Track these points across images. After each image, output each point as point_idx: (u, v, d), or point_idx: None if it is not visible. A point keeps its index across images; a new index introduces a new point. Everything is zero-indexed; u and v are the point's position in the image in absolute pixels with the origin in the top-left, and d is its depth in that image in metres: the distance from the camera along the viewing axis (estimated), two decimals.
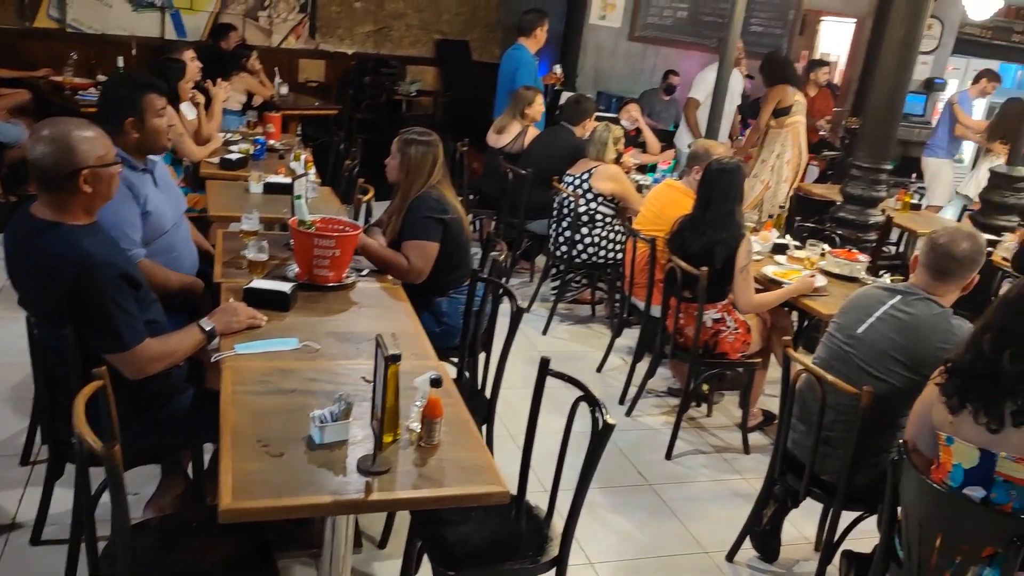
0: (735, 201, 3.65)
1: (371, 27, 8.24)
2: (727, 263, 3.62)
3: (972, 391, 2.14)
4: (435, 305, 3.33)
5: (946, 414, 2.22)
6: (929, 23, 9.56)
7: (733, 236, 3.61)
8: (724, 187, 3.63)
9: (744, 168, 3.78)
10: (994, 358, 2.12)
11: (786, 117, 6.12)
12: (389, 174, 3.36)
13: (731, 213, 3.64)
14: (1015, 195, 5.28)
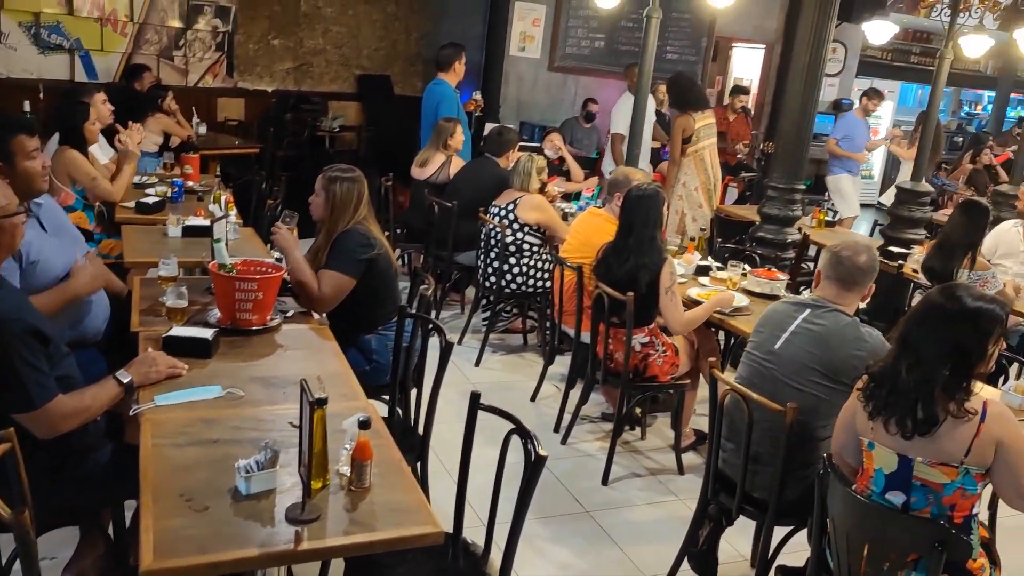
0: (655, 226, 3.73)
1: (291, 64, 8.19)
2: (651, 287, 3.68)
3: (882, 400, 2.23)
4: (364, 343, 3.30)
5: (867, 420, 2.30)
6: (833, 47, 10.03)
7: (655, 260, 3.68)
8: (644, 213, 3.71)
9: (663, 194, 3.87)
10: (897, 369, 2.21)
11: (688, 145, 6.26)
12: (313, 212, 3.33)
13: (652, 239, 3.71)
14: (920, 209, 5.52)
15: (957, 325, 2.18)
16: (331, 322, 3.16)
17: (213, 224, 3.20)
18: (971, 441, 2.16)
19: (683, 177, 6.36)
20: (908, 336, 2.24)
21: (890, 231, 5.60)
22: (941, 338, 2.18)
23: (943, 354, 2.17)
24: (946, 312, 2.20)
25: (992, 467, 2.19)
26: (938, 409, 2.16)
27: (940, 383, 2.16)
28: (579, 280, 3.99)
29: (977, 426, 2.16)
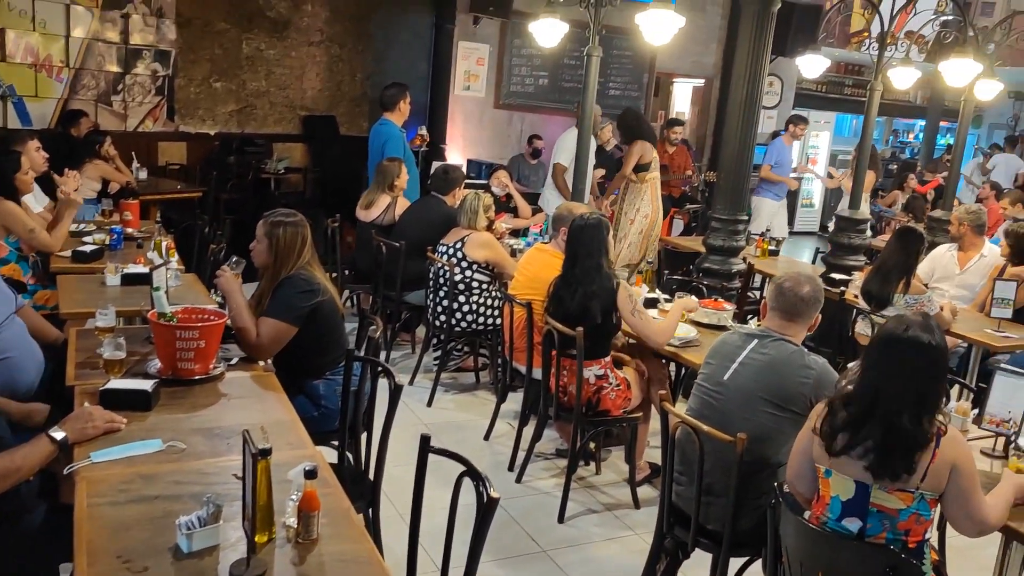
0: (600, 254, 3.74)
1: (234, 106, 8.12)
2: (606, 317, 3.69)
3: (852, 442, 2.24)
4: (311, 389, 3.23)
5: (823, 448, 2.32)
6: (770, 81, 10.32)
7: (605, 288, 3.69)
8: (588, 242, 3.73)
9: (606, 222, 3.90)
10: (867, 413, 2.23)
11: (646, 172, 6.40)
12: (256, 259, 3.26)
13: (598, 267, 3.72)
14: (859, 236, 5.66)
15: (926, 368, 2.22)
16: (277, 368, 3.09)
17: (152, 272, 3.13)
18: (927, 466, 2.19)
19: (637, 203, 6.48)
20: (876, 382, 2.25)
21: (831, 258, 5.73)
22: (910, 384, 2.21)
23: (914, 400, 2.20)
24: (918, 355, 2.23)
25: (945, 491, 2.21)
26: (914, 456, 2.18)
27: (912, 428, 2.19)
28: (529, 316, 3.98)
29: (932, 451, 2.19)
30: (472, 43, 8.78)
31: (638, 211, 6.48)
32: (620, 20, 6.94)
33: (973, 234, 5.35)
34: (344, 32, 8.57)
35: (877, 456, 2.20)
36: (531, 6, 7.73)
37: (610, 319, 3.72)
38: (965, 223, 5.34)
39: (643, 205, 6.50)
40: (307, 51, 8.41)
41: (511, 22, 8.68)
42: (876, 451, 2.20)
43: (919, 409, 2.19)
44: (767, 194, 8.27)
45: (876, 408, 2.22)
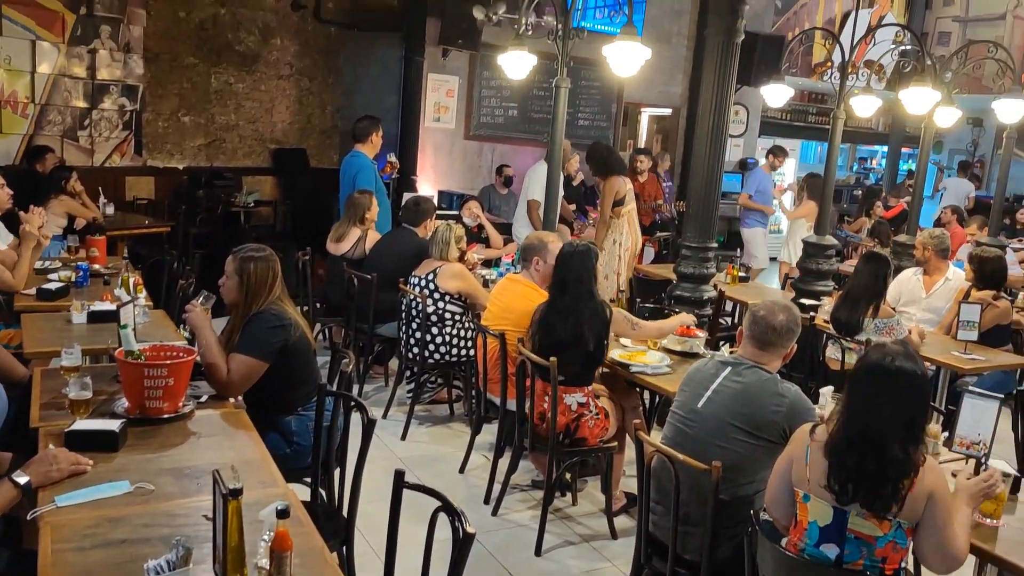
0: (591, 281, 3.76)
1: (202, 140, 8.09)
2: (598, 343, 3.70)
3: (846, 479, 2.24)
4: (283, 425, 3.19)
5: (804, 472, 2.32)
6: (736, 110, 10.49)
7: (598, 315, 3.71)
8: (578, 269, 3.75)
9: (595, 250, 3.92)
10: (857, 450, 2.24)
11: (621, 207, 6.45)
12: (226, 295, 3.23)
13: (590, 294, 3.74)
14: (827, 262, 5.74)
15: (914, 396, 2.24)
16: (248, 405, 3.05)
17: (119, 309, 3.08)
18: (904, 494, 2.20)
19: (615, 235, 6.53)
20: (866, 415, 2.26)
21: (800, 284, 5.80)
22: (900, 413, 2.23)
23: (904, 429, 2.22)
24: (907, 385, 2.25)
25: (920, 521, 2.22)
26: (901, 484, 2.19)
27: (904, 457, 2.20)
28: (502, 347, 3.97)
29: (909, 487, 2.20)
30: (441, 75, 8.84)
31: (617, 243, 6.53)
32: (588, 52, 7.04)
33: (937, 258, 5.44)
34: (313, 65, 8.60)
35: (869, 486, 2.20)
36: (500, 39, 7.82)
37: (601, 347, 3.74)
38: (929, 247, 5.43)
39: (622, 238, 6.54)
40: (276, 84, 8.42)
41: (480, 54, 8.76)
42: (868, 482, 2.20)
43: (908, 438, 2.20)
44: (755, 223, 8.36)
45: (867, 440, 2.22)
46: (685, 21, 10.02)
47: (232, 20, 8.05)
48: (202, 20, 7.89)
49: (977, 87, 11.29)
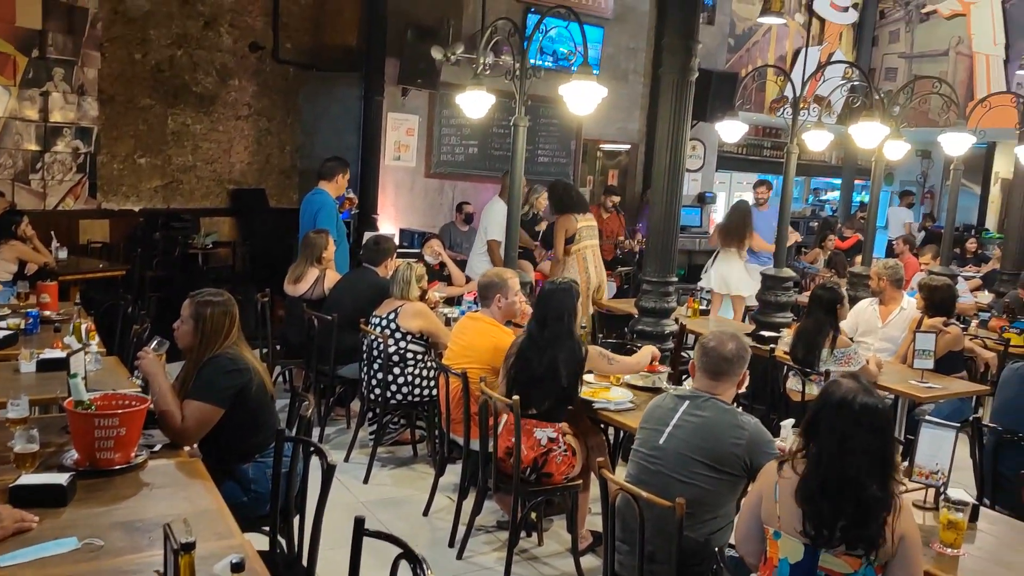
0: (571, 319, 3.78)
1: (159, 182, 8.00)
2: (572, 380, 3.70)
3: (822, 519, 2.23)
4: (240, 473, 3.11)
5: (774, 510, 2.31)
6: (693, 145, 10.68)
7: (574, 353, 3.71)
8: (558, 305, 3.76)
9: (577, 288, 3.94)
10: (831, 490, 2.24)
11: (571, 245, 6.45)
12: (180, 340, 3.16)
13: (569, 332, 3.75)
14: (785, 293, 5.82)
15: (882, 430, 2.25)
16: (204, 453, 2.98)
17: (69, 357, 3.00)
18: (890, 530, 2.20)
19: (566, 274, 6.48)
20: (836, 457, 2.25)
21: (760, 316, 5.86)
22: (871, 450, 2.23)
23: (880, 466, 2.22)
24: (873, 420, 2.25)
25: (891, 561, 2.21)
26: (884, 521, 2.19)
27: (883, 495, 2.20)
28: (464, 386, 3.94)
29: (892, 522, 2.20)
30: (401, 114, 8.88)
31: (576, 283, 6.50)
32: (546, 90, 7.11)
33: (892, 288, 5.54)
34: (272, 106, 8.58)
35: (851, 529, 2.19)
36: (459, 78, 7.89)
37: (574, 384, 3.74)
38: (884, 278, 5.53)
39: (572, 275, 6.46)
40: (235, 125, 8.38)
41: (439, 93, 8.81)
42: (849, 524, 2.19)
43: (884, 473, 2.21)
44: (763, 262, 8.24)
45: (843, 483, 2.21)
46: (641, 59, 10.20)
47: (189, 61, 8.02)
48: (158, 62, 7.85)
49: (924, 121, 11.63)
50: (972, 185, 14.10)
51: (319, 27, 8.86)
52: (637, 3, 10.08)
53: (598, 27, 9.61)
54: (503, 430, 3.76)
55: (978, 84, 12.20)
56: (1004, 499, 3.66)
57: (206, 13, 8.05)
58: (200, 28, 8.04)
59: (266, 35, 8.40)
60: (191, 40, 8.00)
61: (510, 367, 3.80)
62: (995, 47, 12.06)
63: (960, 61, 12.54)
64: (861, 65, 12.18)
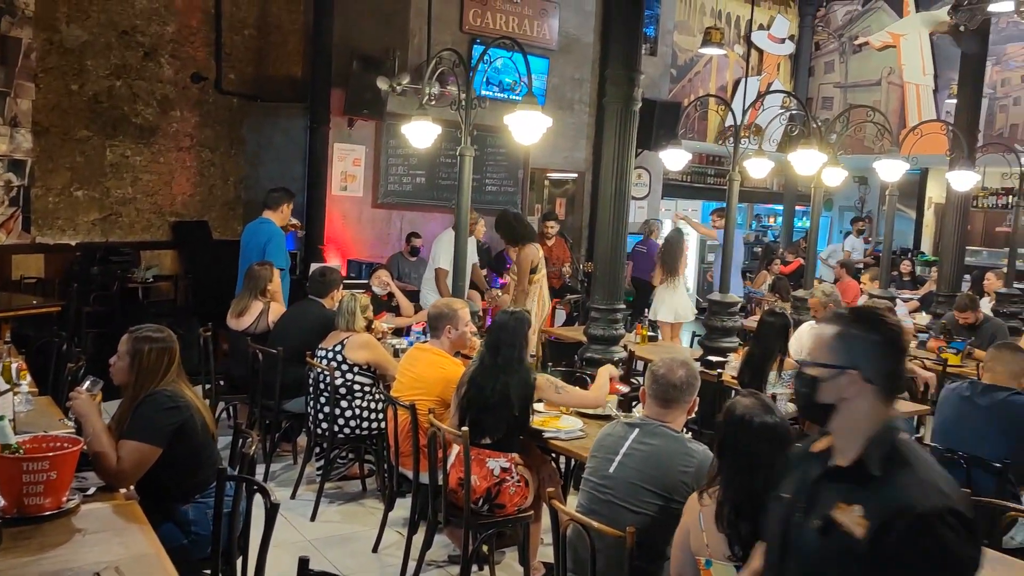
0: (522, 348, 3.78)
1: (97, 215, 7.80)
2: (523, 409, 3.68)
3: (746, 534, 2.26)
4: (180, 514, 3.01)
5: (701, 539, 2.31)
6: (638, 173, 10.83)
7: (524, 381, 3.70)
8: (511, 333, 3.76)
9: (528, 318, 3.94)
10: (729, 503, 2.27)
11: (534, 275, 6.53)
12: (116, 376, 3.06)
13: (520, 359, 3.75)
14: (731, 318, 5.89)
15: (780, 449, 2.27)
16: (141, 495, 2.87)
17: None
18: None
19: (528, 304, 6.59)
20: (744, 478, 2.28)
21: (707, 341, 5.92)
22: (772, 467, 2.25)
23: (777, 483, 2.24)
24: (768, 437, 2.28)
25: None
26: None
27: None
28: (413, 418, 3.88)
29: None
30: (348, 144, 8.83)
31: (530, 312, 6.56)
32: (492, 119, 7.16)
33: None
34: (215, 136, 8.46)
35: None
36: (405, 108, 7.89)
37: (525, 413, 3.73)
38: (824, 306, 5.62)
39: (533, 305, 6.61)
40: (176, 156, 8.23)
41: (386, 123, 8.80)
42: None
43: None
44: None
45: (752, 502, 2.24)
46: (586, 89, 10.34)
47: (128, 92, 7.87)
48: (96, 93, 7.68)
49: (860, 148, 11.99)
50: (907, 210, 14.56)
51: (263, 57, 8.80)
52: (581, 35, 10.24)
53: (543, 58, 9.73)
54: (455, 461, 3.71)
55: (909, 112, 12.64)
56: None
57: (146, 44, 7.92)
58: (140, 59, 7.90)
59: (208, 66, 8.29)
60: (131, 71, 7.86)
61: (462, 395, 3.78)
62: (924, 77, 12.53)
63: (892, 90, 12.99)
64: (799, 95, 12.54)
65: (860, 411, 1.83)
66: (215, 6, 8.27)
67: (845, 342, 1.84)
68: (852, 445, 1.83)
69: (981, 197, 12.90)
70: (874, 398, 1.82)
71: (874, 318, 1.87)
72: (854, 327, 1.85)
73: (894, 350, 1.85)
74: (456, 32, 9.14)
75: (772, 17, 13.45)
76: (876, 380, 1.81)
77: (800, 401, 1.94)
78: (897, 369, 1.86)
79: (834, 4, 13.67)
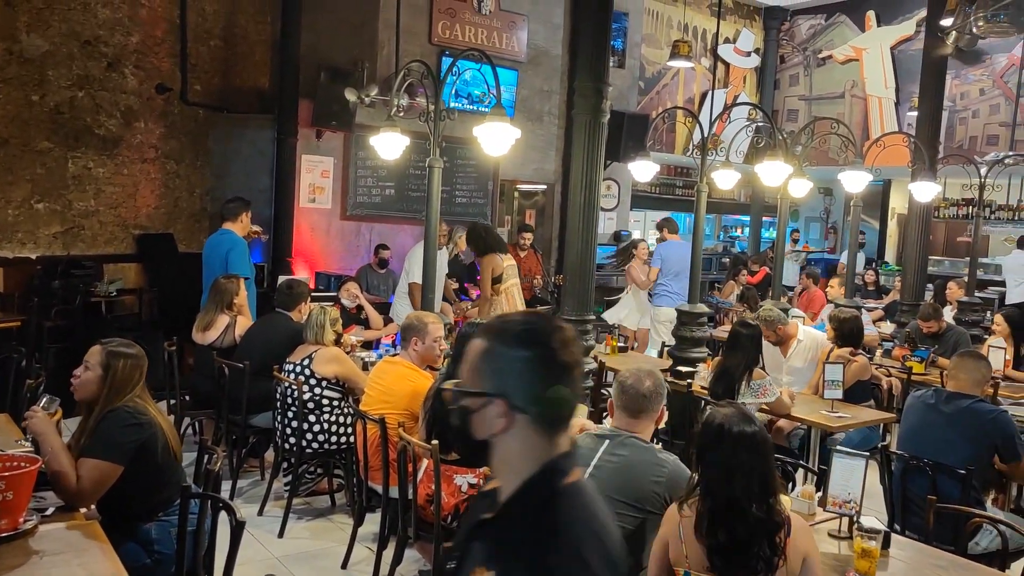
0: None
1: (59, 228, 7.65)
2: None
3: (724, 547, 2.26)
4: (142, 533, 2.94)
5: (681, 550, 2.30)
6: (607, 185, 10.89)
7: None
8: None
9: None
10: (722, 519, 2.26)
11: (500, 284, 6.54)
12: (82, 389, 2.97)
13: None
14: (700, 328, 5.91)
15: (760, 455, 2.28)
16: (102, 514, 2.81)
17: None
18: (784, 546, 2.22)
19: (496, 312, 6.58)
20: (721, 485, 2.28)
21: (676, 352, 5.93)
22: (752, 475, 2.25)
23: (759, 489, 2.25)
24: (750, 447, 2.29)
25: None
26: (776, 539, 2.23)
27: (766, 516, 2.22)
28: (383, 432, 3.84)
29: (784, 540, 2.23)
30: (316, 156, 8.78)
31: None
32: (462, 131, 7.15)
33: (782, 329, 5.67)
34: (181, 148, 8.35)
35: (748, 552, 2.21)
36: (373, 119, 7.85)
37: None
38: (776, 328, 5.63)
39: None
40: (141, 168, 8.11)
41: (354, 135, 8.76)
42: (745, 548, 2.21)
43: (763, 494, 2.24)
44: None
45: (730, 510, 2.24)
46: (555, 101, 10.38)
47: (91, 103, 7.75)
48: (58, 104, 7.55)
49: (824, 160, 12.17)
50: (871, 220, 14.79)
51: (229, 68, 8.72)
52: (550, 47, 10.29)
53: (512, 70, 9.75)
54: (423, 476, 3.68)
55: (872, 125, 12.86)
56: (913, 522, 3.77)
57: (109, 54, 7.81)
58: (103, 69, 7.79)
59: (173, 76, 8.20)
60: (93, 81, 7.74)
61: (428, 408, 3.75)
62: (886, 90, 12.75)
63: (855, 103, 13.21)
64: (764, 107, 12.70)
65: (513, 449, 1.47)
66: (180, 16, 8.19)
67: (490, 363, 1.46)
68: (510, 490, 1.48)
69: (942, 208, 13.14)
70: (529, 431, 1.45)
71: (527, 328, 1.47)
72: (499, 342, 1.46)
73: (549, 368, 1.45)
74: (425, 44, 9.14)
75: (738, 31, 13.63)
76: (528, 409, 1.44)
77: (455, 439, 1.60)
78: (553, 393, 1.44)
79: (798, 18, 13.89)
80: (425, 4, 9.17)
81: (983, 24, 7.00)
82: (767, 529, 2.23)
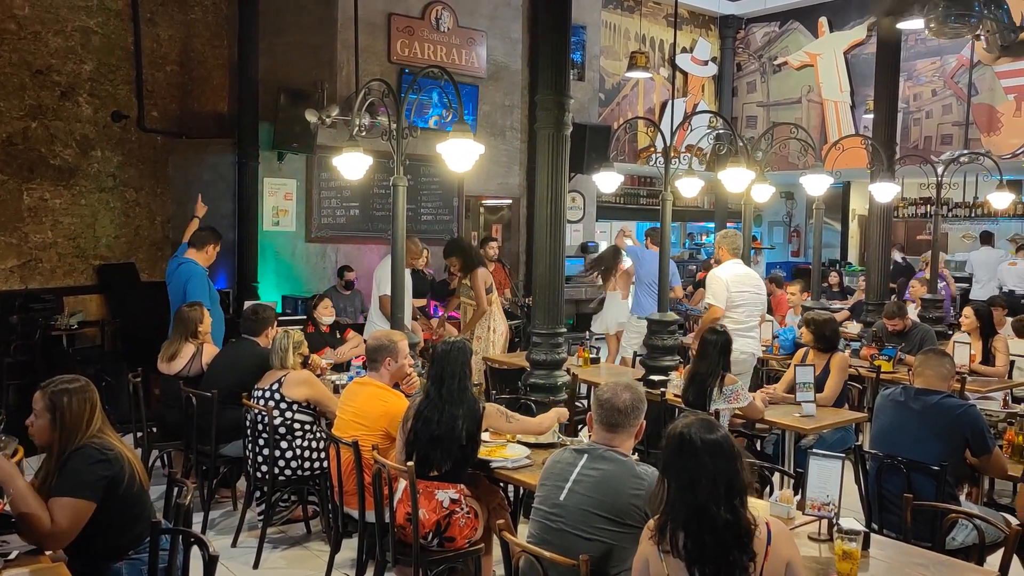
0: (465, 376, 3.74)
1: (15, 262, 7.48)
2: (471, 439, 3.63)
3: (690, 552, 2.23)
4: (112, 573, 2.85)
5: (661, 567, 2.28)
6: (572, 197, 10.92)
7: (471, 410, 3.66)
8: (454, 363, 3.72)
9: (469, 346, 3.90)
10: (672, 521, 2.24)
11: (491, 295, 6.69)
12: (38, 437, 2.90)
13: (463, 388, 3.70)
14: (671, 336, 5.93)
15: (725, 460, 2.27)
16: (69, 556, 2.72)
17: None
18: (762, 564, 2.20)
19: (490, 322, 6.97)
20: (688, 494, 2.26)
21: (648, 360, 5.94)
22: (718, 481, 2.24)
23: (725, 493, 2.23)
24: (714, 454, 2.27)
25: None
26: (748, 542, 2.20)
27: (735, 518, 2.20)
28: (356, 456, 3.79)
29: (765, 547, 2.21)
30: (278, 179, 8.70)
31: (493, 331, 7.01)
32: (425, 148, 7.13)
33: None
34: (140, 176, 8.22)
35: (722, 558, 2.19)
36: (335, 140, 7.81)
37: (473, 442, 3.68)
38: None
39: (496, 324, 7.05)
40: (99, 197, 7.97)
41: (316, 156, 8.70)
42: (715, 555, 2.19)
43: (729, 495, 2.23)
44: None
45: (697, 519, 2.22)
46: (517, 116, 10.42)
47: (45, 133, 7.60)
48: (10, 135, 7.40)
49: (785, 164, 12.32)
50: (833, 222, 15.00)
51: (187, 94, 8.61)
52: (510, 62, 10.33)
53: (473, 86, 9.77)
54: (401, 496, 3.63)
55: (830, 128, 13.06)
56: (890, 520, 3.79)
57: (63, 83, 7.67)
58: (56, 99, 7.65)
59: (130, 104, 8.08)
60: (47, 111, 7.60)
61: (408, 430, 3.71)
62: (842, 94, 12.96)
63: (812, 108, 13.41)
64: (724, 114, 12.85)
65: None
66: (135, 43, 8.08)
67: None
68: None
69: (902, 207, 13.38)
70: None
71: None
72: None
73: None
74: (384, 63, 9.12)
75: (694, 40, 13.79)
76: None
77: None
78: None
79: (753, 26, 14.09)
80: (383, 23, 9.17)
81: (935, 26, 7.14)
82: (735, 533, 2.20)
